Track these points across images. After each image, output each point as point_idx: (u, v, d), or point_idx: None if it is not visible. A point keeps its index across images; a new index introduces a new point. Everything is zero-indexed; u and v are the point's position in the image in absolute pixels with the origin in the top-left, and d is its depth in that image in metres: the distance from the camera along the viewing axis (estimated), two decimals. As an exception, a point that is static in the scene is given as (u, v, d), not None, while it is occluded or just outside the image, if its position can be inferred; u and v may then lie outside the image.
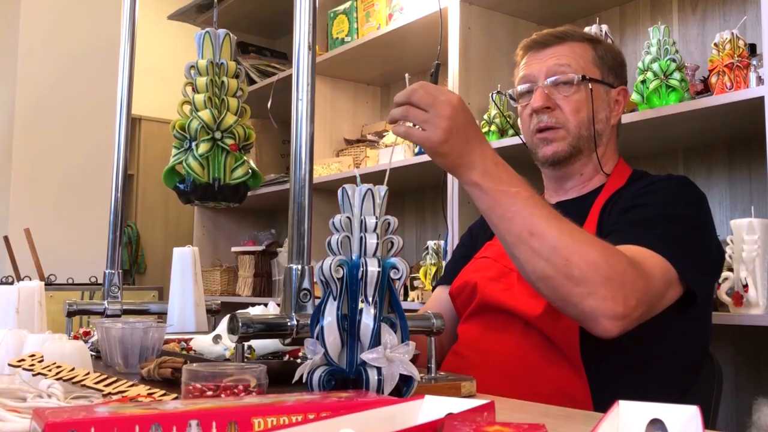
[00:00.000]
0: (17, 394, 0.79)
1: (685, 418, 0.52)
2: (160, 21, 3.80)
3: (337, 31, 3.03)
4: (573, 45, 1.37)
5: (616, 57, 1.41)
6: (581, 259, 1.04)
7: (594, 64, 1.36)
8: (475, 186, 1.08)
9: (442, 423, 0.48)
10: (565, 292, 1.05)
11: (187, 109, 1.28)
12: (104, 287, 1.50)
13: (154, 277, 4.73)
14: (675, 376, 1.24)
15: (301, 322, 0.89)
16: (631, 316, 1.05)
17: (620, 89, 1.40)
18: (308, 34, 0.98)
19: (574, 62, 1.34)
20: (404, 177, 2.68)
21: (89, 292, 2.27)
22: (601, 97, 1.36)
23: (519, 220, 1.06)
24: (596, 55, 1.37)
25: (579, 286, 1.03)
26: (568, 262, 1.04)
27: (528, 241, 1.06)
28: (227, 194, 1.28)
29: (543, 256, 1.05)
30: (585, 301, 1.03)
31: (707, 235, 1.25)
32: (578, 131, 1.33)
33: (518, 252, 1.08)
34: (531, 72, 1.37)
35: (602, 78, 1.36)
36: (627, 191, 1.31)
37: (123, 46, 1.58)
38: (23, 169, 3.56)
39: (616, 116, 1.39)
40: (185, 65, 1.31)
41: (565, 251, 1.04)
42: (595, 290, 1.03)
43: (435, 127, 1.06)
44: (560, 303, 1.08)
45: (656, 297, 1.11)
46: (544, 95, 1.33)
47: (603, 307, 1.03)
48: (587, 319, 1.05)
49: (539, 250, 1.05)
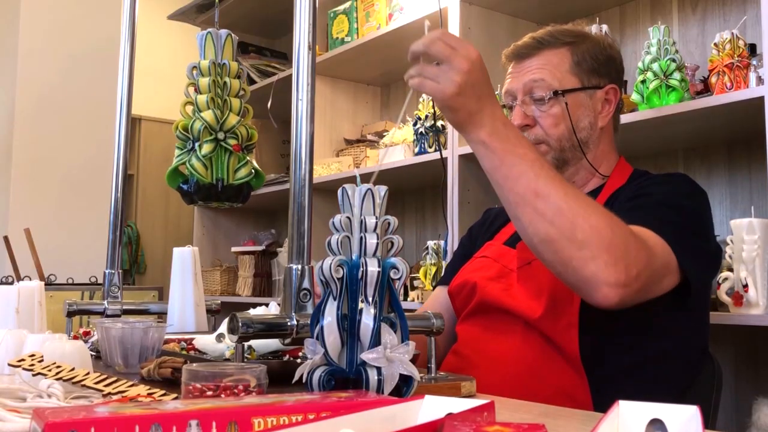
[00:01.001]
0: (17, 394, 0.79)
1: (685, 418, 0.52)
2: (160, 21, 3.80)
3: (337, 31, 3.03)
4: (550, 54, 1.34)
5: (599, 56, 1.36)
6: (586, 222, 1.02)
7: (571, 73, 1.33)
8: (482, 144, 1.07)
9: (442, 423, 0.48)
10: (567, 255, 1.03)
11: (189, 110, 1.29)
12: (104, 287, 1.50)
13: (154, 277, 4.73)
14: (675, 375, 1.24)
15: (301, 322, 0.89)
16: (631, 286, 1.03)
17: (609, 88, 1.36)
18: (308, 34, 0.98)
19: (549, 75, 1.32)
20: (404, 177, 2.68)
21: (89, 292, 2.27)
22: (582, 105, 1.33)
23: (524, 181, 1.05)
24: (573, 62, 1.34)
25: (582, 250, 1.02)
26: (573, 225, 1.02)
27: (533, 202, 1.04)
28: (231, 194, 1.29)
29: (547, 217, 1.03)
30: (587, 266, 1.02)
31: (707, 229, 1.24)
32: (559, 144, 1.32)
33: (521, 213, 1.06)
34: (511, 87, 1.37)
35: (582, 84, 1.33)
36: (628, 188, 1.31)
37: (123, 46, 1.58)
38: (23, 169, 3.56)
39: (605, 116, 1.35)
40: (187, 66, 1.31)
41: (569, 213, 1.03)
42: (597, 255, 1.01)
43: (449, 81, 1.04)
44: (561, 268, 1.05)
45: (656, 275, 1.10)
46: (522, 114, 1.33)
47: (605, 273, 1.01)
48: (587, 286, 1.03)
49: (543, 211, 1.04)
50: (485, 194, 2.35)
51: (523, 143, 1.08)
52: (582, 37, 1.38)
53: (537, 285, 1.23)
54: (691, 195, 1.26)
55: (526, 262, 1.27)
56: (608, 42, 1.42)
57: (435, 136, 2.44)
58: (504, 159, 1.06)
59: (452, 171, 2.28)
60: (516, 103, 1.35)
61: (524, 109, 1.33)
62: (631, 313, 1.20)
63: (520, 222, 1.08)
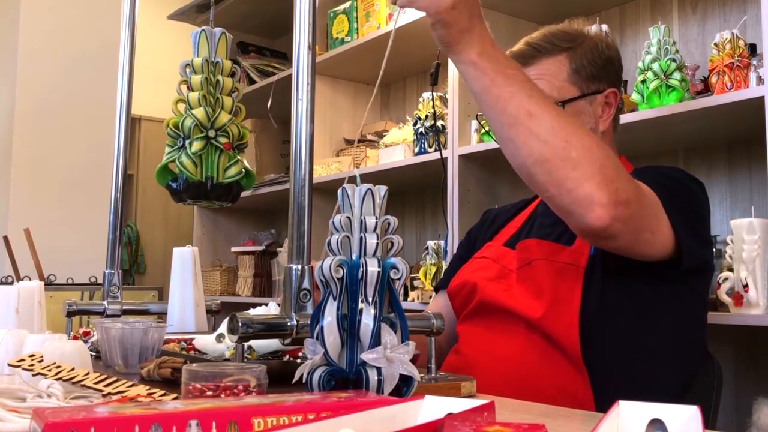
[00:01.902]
0: (17, 394, 0.79)
1: (685, 418, 0.52)
2: (159, 21, 3.80)
3: (337, 31, 3.03)
4: (548, 62, 1.33)
5: (598, 60, 1.34)
6: (579, 141, 1.02)
7: (569, 81, 1.32)
8: (471, 65, 1.05)
9: (442, 423, 0.48)
10: (561, 175, 1.02)
11: (181, 107, 1.28)
12: (104, 287, 1.49)
13: (154, 277, 4.73)
14: (675, 374, 1.24)
15: (301, 322, 0.89)
16: (621, 209, 1.01)
17: (609, 92, 1.35)
18: (308, 34, 0.98)
19: (548, 85, 1.30)
20: (404, 177, 2.68)
21: (89, 292, 2.27)
22: (582, 112, 1.32)
23: (516, 101, 1.03)
24: (571, 70, 1.32)
25: (576, 169, 1.01)
26: (567, 144, 1.01)
27: (525, 122, 1.03)
28: (220, 193, 1.28)
29: (541, 137, 1.02)
30: (581, 186, 1.00)
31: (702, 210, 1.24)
32: None
33: (514, 133, 1.04)
34: None
35: (581, 92, 1.32)
36: None
37: (123, 46, 1.58)
38: (23, 169, 3.56)
39: (606, 119, 1.35)
40: (180, 63, 1.31)
41: (563, 133, 1.02)
42: (591, 175, 1.00)
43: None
44: (554, 190, 1.03)
45: (645, 216, 1.08)
46: None
47: (598, 194, 1.00)
48: (580, 206, 1.01)
49: (537, 131, 1.02)
50: (485, 194, 2.35)
51: (512, 64, 1.07)
52: (579, 39, 1.36)
53: (537, 285, 1.23)
54: (688, 179, 1.26)
55: (526, 263, 1.27)
56: (606, 42, 1.40)
57: (435, 136, 2.44)
58: (495, 79, 1.04)
59: (452, 171, 2.28)
60: None
61: None
62: (632, 311, 1.20)
63: (513, 143, 1.05)
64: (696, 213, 1.20)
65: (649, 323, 1.22)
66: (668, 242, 1.12)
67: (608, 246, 1.08)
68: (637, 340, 1.21)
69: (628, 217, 1.03)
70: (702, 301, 1.30)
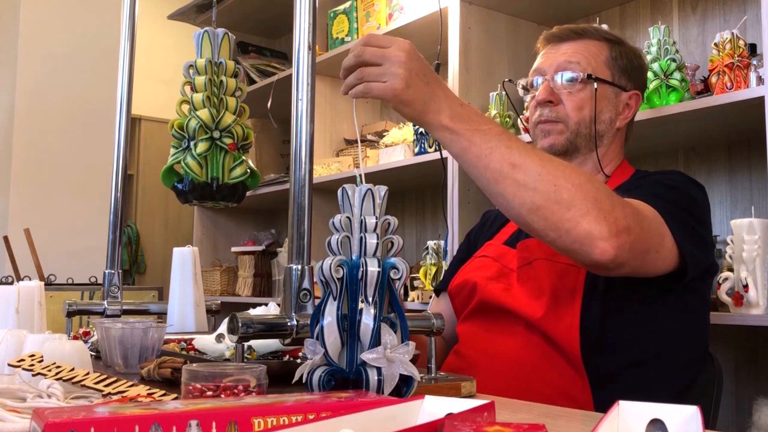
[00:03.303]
0: (17, 394, 0.79)
1: (685, 418, 0.52)
2: (160, 21, 3.80)
3: (337, 31, 3.03)
4: (589, 43, 1.36)
5: (633, 60, 1.38)
6: (568, 182, 1.02)
7: (606, 65, 1.35)
8: (446, 130, 1.06)
9: (442, 423, 0.48)
10: (557, 218, 1.02)
11: (185, 109, 1.28)
12: (104, 287, 1.49)
13: (154, 277, 4.73)
14: (675, 375, 1.24)
15: (301, 322, 0.89)
16: (623, 238, 1.02)
17: (632, 93, 1.37)
18: (308, 34, 0.98)
19: (584, 60, 1.33)
20: (404, 177, 2.68)
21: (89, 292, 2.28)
22: (608, 98, 1.34)
23: (497, 155, 1.04)
24: (610, 56, 1.36)
25: (570, 209, 1.01)
26: (556, 187, 1.02)
27: (511, 174, 1.03)
28: (225, 194, 1.28)
29: (529, 185, 1.02)
30: (579, 225, 1.01)
31: (703, 215, 1.24)
32: (577, 128, 1.32)
33: (502, 188, 1.04)
34: (542, 65, 1.37)
35: (612, 79, 1.35)
36: (627, 184, 1.31)
37: (123, 46, 1.58)
38: (23, 169, 3.56)
39: (624, 119, 1.37)
40: (184, 64, 1.31)
41: (550, 177, 1.02)
42: (586, 211, 1.01)
43: (394, 76, 1.03)
44: (553, 233, 1.04)
45: (648, 238, 1.08)
46: (549, 89, 1.33)
47: (597, 228, 1.01)
48: (583, 245, 1.02)
49: (524, 180, 1.03)
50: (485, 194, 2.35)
51: (484, 119, 1.07)
52: (620, 40, 1.40)
53: (537, 285, 1.23)
54: (688, 184, 1.26)
55: (527, 262, 1.27)
56: (641, 53, 1.45)
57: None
58: (472, 138, 1.05)
59: (452, 171, 2.28)
60: (544, 79, 1.35)
61: (552, 85, 1.34)
62: (631, 312, 1.20)
63: (503, 197, 1.06)
64: (697, 219, 1.21)
65: (651, 325, 1.22)
66: (673, 255, 1.13)
67: (618, 274, 1.09)
68: (638, 342, 1.21)
69: (631, 244, 1.04)
70: (704, 301, 1.30)
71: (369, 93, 1.06)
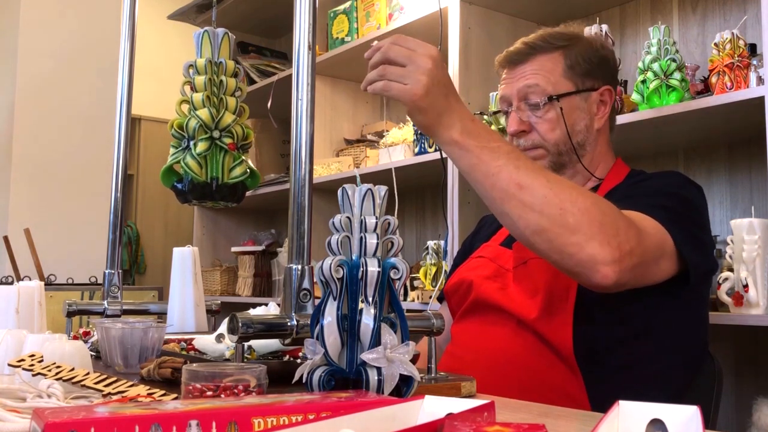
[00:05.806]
0: (17, 394, 0.79)
1: (685, 418, 0.52)
2: (159, 21, 3.80)
3: (337, 31, 3.03)
4: (542, 59, 1.33)
5: (593, 58, 1.35)
6: (574, 206, 1.02)
7: (564, 77, 1.33)
8: (455, 145, 1.06)
9: (442, 423, 0.48)
10: (561, 242, 1.02)
11: (185, 108, 1.28)
12: (104, 287, 1.49)
13: (154, 277, 4.73)
14: (672, 374, 1.24)
15: (301, 322, 0.89)
16: (625, 262, 1.02)
17: (603, 89, 1.36)
18: (308, 34, 0.98)
19: (543, 80, 1.31)
20: (404, 177, 2.68)
21: (89, 292, 2.28)
22: (578, 108, 1.33)
23: (505, 175, 1.03)
24: (566, 66, 1.33)
25: (575, 234, 1.01)
26: (562, 211, 1.02)
27: (517, 195, 1.03)
28: (225, 193, 1.28)
29: (535, 208, 1.02)
30: (583, 249, 1.01)
31: (702, 218, 1.24)
32: (557, 148, 1.32)
33: (508, 208, 1.04)
34: (505, 93, 1.36)
35: (576, 88, 1.33)
36: (624, 186, 1.31)
37: (123, 46, 1.58)
38: (23, 169, 3.56)
39: (601, 118, 1.35)
40: (184, 64, 1.31)
41: (556, 200, 1.02)
42: (591, 237, 1.01)
43: (415, 81, 1.02)
44: (556, 256, 1.04)
45: (649, 254, 1.09)
46: (518, 120, 1.33)
47: (601, 254, 1.01)
48: (585, 269, 1.02)
49: (530, 202, 1.03)
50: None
51: (494, 136, 1.07)
52: (574, 39, 1.37)
53: (533, 284, 1.23)
54: (684, 186, 1.26)
55: (522, 262, 1.27)
56: (600, 42, 1.42)
57: (435, 136, 2.43)
58: (481, 155, 1.05)
59: (452, 171, 2.28)
60: (511, 109, 1.35)
61: (520, 115, 1.33)
62: (627, 311, 1.20)
63: (508, 218, 1.06)
64: (697, 224, 1.21)
65: (649, 325, 1.22)
66: (673, 264, 1.14)
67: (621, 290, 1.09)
68: (633, 341, 1.21)
69: (633, 266, 1.05)
70: (703, 301, 1.30)
71: (388, 92, 1.05)
